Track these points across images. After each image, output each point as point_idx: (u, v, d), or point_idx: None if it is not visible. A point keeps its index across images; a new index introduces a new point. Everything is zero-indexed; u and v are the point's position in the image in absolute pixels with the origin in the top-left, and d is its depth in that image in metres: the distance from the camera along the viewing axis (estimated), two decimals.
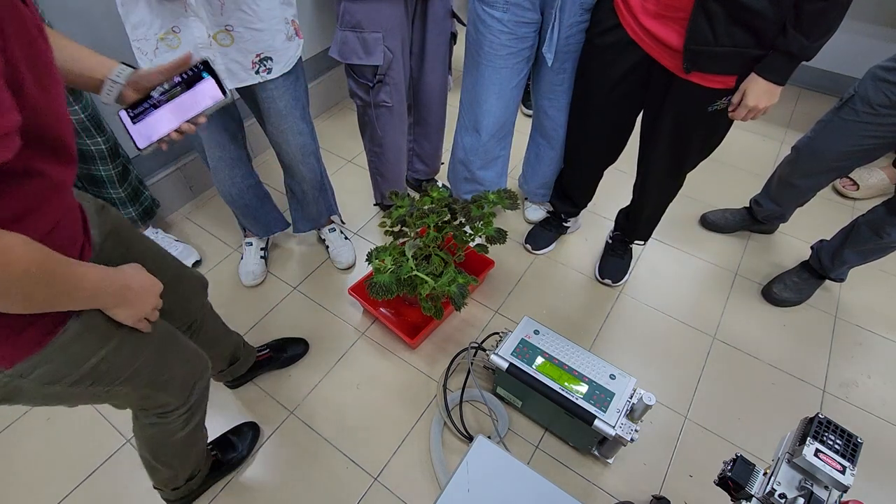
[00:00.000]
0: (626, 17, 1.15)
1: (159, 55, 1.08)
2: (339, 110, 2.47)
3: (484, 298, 1.67)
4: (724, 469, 0.86)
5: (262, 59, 1.15)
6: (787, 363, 1.52)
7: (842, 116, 1.39)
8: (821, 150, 1.47)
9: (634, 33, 1.15)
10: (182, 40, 1.06)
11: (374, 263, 1.29)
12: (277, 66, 1.19)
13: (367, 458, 1.31)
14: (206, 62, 0.78)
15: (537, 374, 1.21)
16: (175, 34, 1.05)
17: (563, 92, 1.46)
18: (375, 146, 1.66)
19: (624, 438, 1.12)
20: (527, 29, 1.32)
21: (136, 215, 1.66)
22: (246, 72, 1.15)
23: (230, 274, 1.73)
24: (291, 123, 1.32)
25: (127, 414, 1.39)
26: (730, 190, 2.05)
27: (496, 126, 1.53)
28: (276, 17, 1.13)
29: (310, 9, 2.08)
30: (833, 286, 1.73)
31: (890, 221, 1.39)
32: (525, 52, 1.37)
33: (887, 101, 1.27)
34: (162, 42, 1.06)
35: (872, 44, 2.36)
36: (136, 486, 1.26)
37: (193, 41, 1.06)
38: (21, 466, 1.29)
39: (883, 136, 1.34)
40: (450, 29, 1.49)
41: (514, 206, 1.39)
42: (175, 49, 1.07)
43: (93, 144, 1.42)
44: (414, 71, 1.55)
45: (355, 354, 1.52)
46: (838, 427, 0.81)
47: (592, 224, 1.93)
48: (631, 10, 1.12)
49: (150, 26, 1.05)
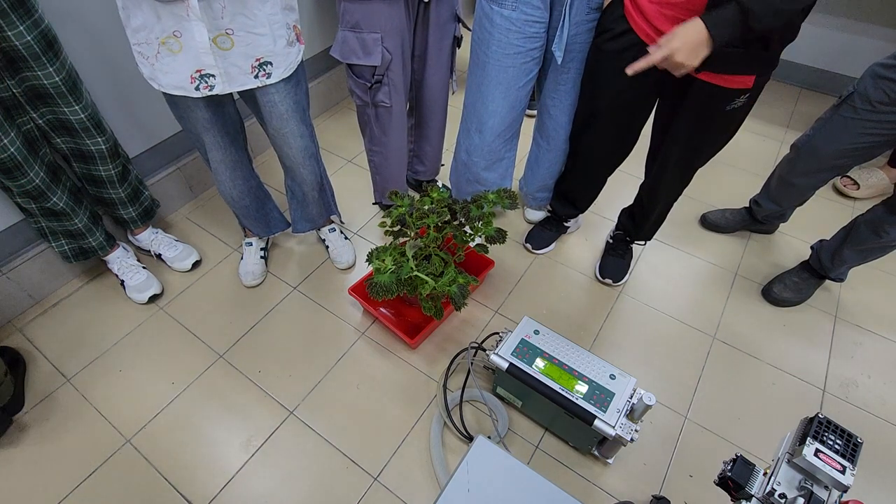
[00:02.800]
0: (640, 24, 1.14)
1: (161, 59, 1.08)
2: (339, 110, 2.48)
3: (484, 298, 1.67)
4: (724, 469, 0.86)
5: (261, 63, 1.15)
6: (787, 363, 1.52)
7: (841, 114, 1.39)
8: (820, 147, 1.47)
9: (649, 38, 1.13)
10: (184, 45, 1.06)
11: (375, 263, 1.29)
12: (278, 71, 1.19)
13: (367, 458, 1.31)
14: None
15: (537, 374, 1.21)
16: (176, 38, 1.05)
17: (567, 91, 1.45)
18: (375, 146, 1.66)
19: (624, 438, 1.12)
20: (536, 28, 1.31)
21: (136, 215, 1.66)
22: (245, 76, 1.15)
23: (230, 274, 1.74)
24: (293, 127, 1.32)
25: (127, 414, 1.40)
26: (729, 190, 2.05)
27: (501, 126, 1.52)
28: (278, 23, 1.13)
29: (310, 9, 2.08)
30: (833, 286, 1.73)
31: (889, 221, 1.39)
32: (534, 53, 1.36)
33: (886, 98, 1.27)
34: (163, 46, 1.06)
35: (872, 44, 2.36)
36: (136, 486, 1.26)
37: (195, 46, 1.06)
38: (21, 466, 1.29)
39: (882, 134, 1.34)
40: (453, 32, 1.48)
41: (514, 205, 1.39)
42: (177, 54, 1.07)
43: (93, 144, 1.42)
44: (416, 73, 1.55)
45: (355, 354, 1.52)
46: (838, 427, 0.81)
47: (592, 224, 1.93)
48: (645, 15, 1.11)
49: (152, 30, 1.05)
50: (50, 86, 1.27)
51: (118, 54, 1.51)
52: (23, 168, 1.29)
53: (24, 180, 1.31)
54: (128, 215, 1.65)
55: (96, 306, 1.63)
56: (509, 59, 1.36)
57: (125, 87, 1.58)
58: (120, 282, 1.64)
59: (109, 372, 1.47)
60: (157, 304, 1.64)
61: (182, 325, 1.59)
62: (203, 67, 1.09)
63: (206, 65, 1.09)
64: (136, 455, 1.31)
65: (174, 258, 1.72)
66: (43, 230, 1.49)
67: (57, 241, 1.51)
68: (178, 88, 1.12)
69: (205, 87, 1.12)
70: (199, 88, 1.12)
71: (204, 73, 1.10)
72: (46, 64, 1.24)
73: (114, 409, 1.40)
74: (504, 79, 1.40)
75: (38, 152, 1.35)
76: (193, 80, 1.11)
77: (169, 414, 1.39)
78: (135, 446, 1.33)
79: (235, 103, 1.36)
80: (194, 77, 1.10)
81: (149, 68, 1.12)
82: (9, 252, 1.53)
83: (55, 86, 1.28)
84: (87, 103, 1.37)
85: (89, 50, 1.45)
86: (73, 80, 1.32)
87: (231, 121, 1.35)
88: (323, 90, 2.37)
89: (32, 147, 1.33)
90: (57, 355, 1.50)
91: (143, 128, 1.71)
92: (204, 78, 1.11)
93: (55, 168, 1.41)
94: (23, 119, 1.30)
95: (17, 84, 1.25)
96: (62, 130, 1.38)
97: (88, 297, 1.66)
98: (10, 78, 1.24)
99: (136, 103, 1.64)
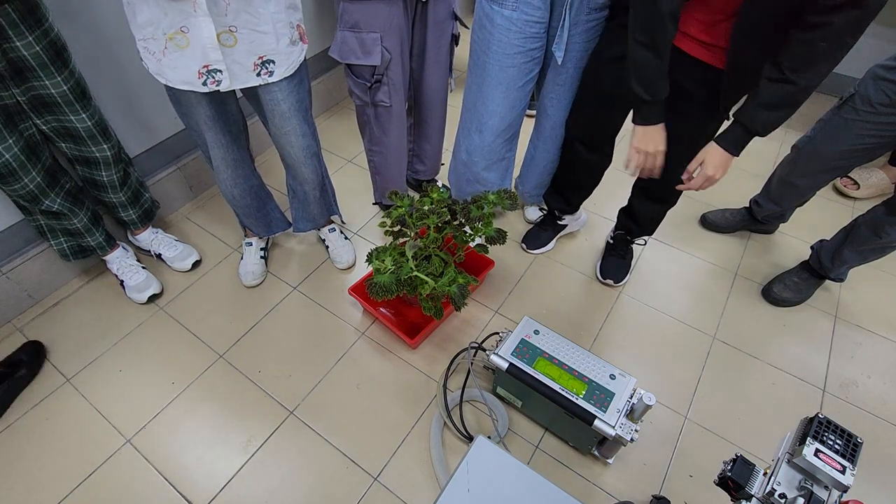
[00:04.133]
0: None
1: (168, 55, 1.08)
2: (340, 110, 2.48)
3: (484, 298, 1.67)
4: (724, 469, 0.86)
5: (264, 61, 1.15)
6: (787, 363, 1.52)
7: (842, 115, 1.39)
8: (821, 148, 1.47)
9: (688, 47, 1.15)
10: (191, 40, 1.06)
11: (374, 264, 1.29)
12: (280, 70, 1.19)
13: (367, 458, 1.31)
14: None
15: (537, 374, 1.21)
16: (184, 34, 1.05)
17: (565, 90, 1.45)
18: (374, 145, 1.66)
19: (624, 438, 1.12)
20: (536, 28, 1.31)
21: (136, 217, 1.66)
22: (247, 73, 1.15)
23: (230, 274, 1.74)
24: (295, 125, 1.32)
25: (127, 414, 1.40)
26: (729, 190, 2.05)
27: (502, 126, 1.52)
28: (282, 21, 1.13)
29: (311, 9, 2.08)
30: (833, 286, 1.73)
31: (888, 221, 1.39)
32: (534, 53, 1.37)
33: (888, 99, 1.28)
34: (171, 42, 1.06)
35: (873, 44, 2.35)
36: (136, 486, 1.26)
37: (202, 42, 1.06)
38: (21, 466, 1.29)
39: (883, 135, 1.34)
40: (451, 31, 1.48)
41: (514, 206, 1.39)
42: (184, 49, 1.07)
43: (98, 151, 1.42)
44: (415, 72, 1.55)
45: (355, 354, 1.52)
46: (838, 427, 0.81)
47: (592, 224, 1.93)
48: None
49: (158, 26, 1.05)
50: (57, 94, 1.27)
51: (119, 53, 1.51)
52: (17, 174, 1.28)
53: (18, 185, 1.31)
54: (128, 217, 1.65)
55: (96, 306, 1.63)
56: (510, 59, 1.36)
57: (126, 86, 1.58)
58: (119, 282, 1.64)
59: (109, 372, 1.47)
60: (156, 304, 1.64)
61: (182, 325, 1.59)
62: (210, 63, 1.10)
63: (214, 60, 1.09)
64: (136, 455, 1.31)
65: (174, 258, 1.72)
66: (42, 228, 1.49)
67: (56, 238, 1.51)
68: (185, 83, 1.13)
69: (212, 83, 1.13)
70: (207, 83, 1.13)
71: (211, 69, 1.11)
72: (54, 73, 1.24)
73: (114, 409, 1.40)
74: (504, 78, 1.40)
75: (39, 157, 1.34)
76: (201, 76, 1.11)
77: (169, 414, 1.39)
78: (135, 446, 1.33)
79: (238, 101, 1.36)
80: (202, 72, 1.11)
81: (155, 63, 1.12)
82: (9, 252, 1.53)
83: (62, 94, 1.27)
84: (93, 110, 1.37)
85: (90, 48, 1.45)
86: (81, 88, 1.32)
87: (233, 119, 1.35)
88: (323, 90, 2.37)
89: (33, 152, 1.32)
90: (57, 355, 1.50)
91: (143, 128, 1.71)
92: (211, 73, 1.11)
93: (54, 171, 1.40)
94: (25, 125, 1.30)
95: (23, 92, 1.25)
96: (67, 137, 1.37)
97: (88, 297, 1.66)
98: (15, 86, 1.23)
99: (136, 103, 1.64)
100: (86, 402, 1.41)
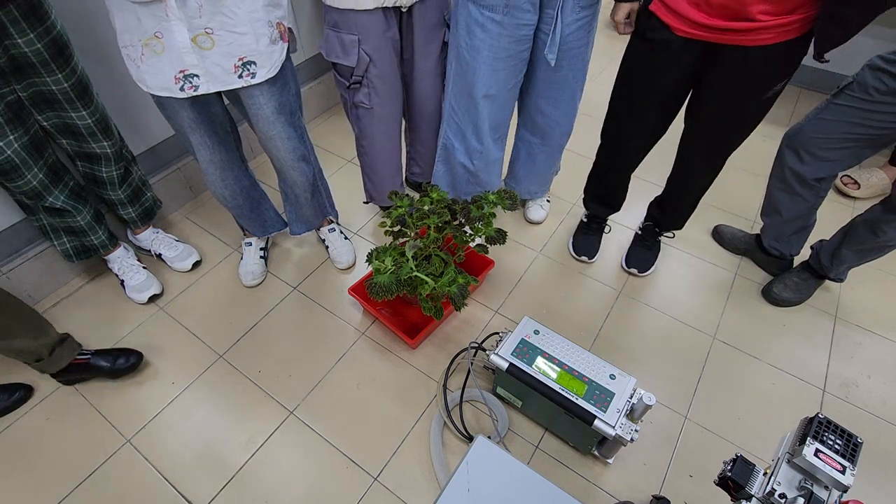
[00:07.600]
0: (678, 23, 1.15)
1: (146, 61, 1.09)
2: (339, 110, 2.47)
3: (484, 298, 1.67)
4: (724, 469, 0.86)
5: (244, 63, 1.14)
6: (787, 363, 1.52)
7: (835, 102, 1.37)
8: (808, 133, 1.43)
9: (679, 30, 1.15)
10: (166, 45, 1.06)
11: (374, 264, 1.29)
12: (262, 71, 1.17)
13: (367, 458, 1.31)
14: None
15: (537, 374, 1.21)
16: (158, 39, 1.05)
17: (563, 89, 1.46)
18: (360, 145, 1.65)
19: (624, 438, 1.12)
20: (525, 31, 1.32)
21: (136, 216, 1.66)
22: (228, 76, 1.14)
23: (230, 274, 1.74)
24: (279, 129, 1.31)
25: (127, 414, 1.40)
26: (728, 189, 2.04)
27: (495, 129, 1.53)
28: (260, 20, 1.11)
29: (309, 9, 2.08)
30: (833, 286, 1.73)
31: (886, 220, 1.39)
32: (523, 55, 1.38)
33: (884, 87, 1.26)
34: (147, 47, 1.07)
35: (873, 44, 2.36)
36: (136, 486, 1.26)
37: (177, 46, 1.06)
38: (21, 466, 1.29)
39: (872, 127, 1.31)
40: (442, 38, 1.47)
41: (514, 206, 1.39)
42: (160, 54, 1.07)
43: (98, 148, 1.42)
44: (407, 77, 1.54)
45: (355, 354, 1.52)
46: (838, 427, 0.81)
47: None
48: (671, 7, 1.13)
49: (135, 32, 1.05)
50: (58, 91, 1.27)
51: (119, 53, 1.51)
52: (20, 170, 1.29)
53: (21, 182, 1.31)
54: (127, 216, 1.65)
55: (96, 307, 1.63)
56: (500, 63, 1.37)
57: (126, 86, 1.58)
58: (120, 282, 1.64)
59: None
60: (157, 304, 1.64)
61: (182, 325, 1.59)
62: (186, 68, 1.09)
63: (190, 65, 1.09)
64: (136, 455, 1.31)
65: (174, 258, 1.72)
66: (44, 227, 1.49)
67: (59, 238, 1.51)
68: (163, 89, 1.12)
69: (189, 88, 1.12)
70: (184, 89, 1.12)
71: (188, 74, 1.10)
72: (55, 70, 1.24)
73: (114, 409, 1.40)
74: (495, 82, 1.41)
75: (42, 153, 1.34)
76: (178, 81, 1.11)
77: (169, 414, 1.39)
78: (135, 446, 1.33)
79: (223, 103, 1.35)
80: (178, 77, 1.10)
81: (136, 70, 1.12)
82: (9, 252, 1.53)
83: (63, 91, 1.28)
84: (95, 108, 1.37)
85: (93, 49, 1.45)
86: (83, 86, 1.32)
87: (219, 121, 1.33)
88: (322, 90, 2.37)
89: (37, 148, 1.32)
90: None
91: (143, 128, 1.71)
92: (188, 78, 1.11)
93: (57, 168, 1.41)
94: (31, 121, 1.30)
95: (24, 89, 1.25)
96: (67, 134, 1.38)
97: (88, 297, 1.66)
98: (16, 83, 1.23)
99: (136, 103, 1.64)
100: (86, 402, 1.41)
